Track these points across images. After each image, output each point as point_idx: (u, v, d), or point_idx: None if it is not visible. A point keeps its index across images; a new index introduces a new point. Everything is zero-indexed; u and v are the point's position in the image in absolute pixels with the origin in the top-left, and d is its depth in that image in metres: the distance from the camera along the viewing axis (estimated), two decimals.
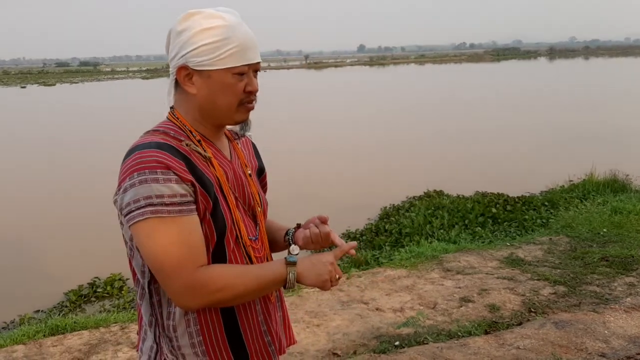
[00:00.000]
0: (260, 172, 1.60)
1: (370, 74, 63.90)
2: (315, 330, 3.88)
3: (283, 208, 8.62)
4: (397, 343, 3.63)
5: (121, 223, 1.25)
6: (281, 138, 16.11)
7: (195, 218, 1.23)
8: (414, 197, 8.64)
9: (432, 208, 7.56)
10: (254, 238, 1.42)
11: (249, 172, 1.47)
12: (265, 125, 18.43)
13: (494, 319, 3.90)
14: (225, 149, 1.43)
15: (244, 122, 1.43)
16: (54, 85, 57.21)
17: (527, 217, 6.97)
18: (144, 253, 1.20)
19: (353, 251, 1.44)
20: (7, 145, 16.98)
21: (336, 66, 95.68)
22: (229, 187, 1.36)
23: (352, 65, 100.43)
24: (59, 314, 5.02)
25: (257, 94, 1.39)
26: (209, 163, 1.32)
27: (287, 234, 1.57)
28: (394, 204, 8.27)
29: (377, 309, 4.21)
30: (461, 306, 4.17)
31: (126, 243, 1.30)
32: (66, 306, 5.40)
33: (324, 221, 1.49)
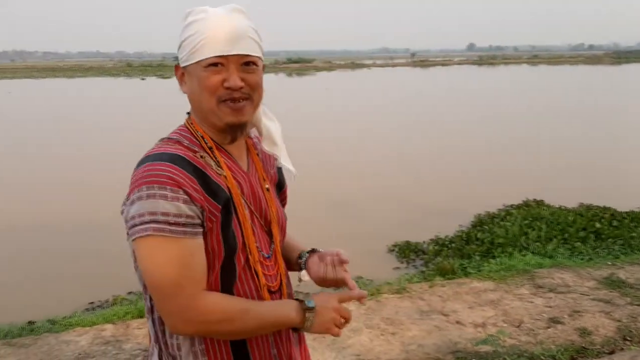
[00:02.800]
0: (280, 186, 1.51)
1: (479, 73, 61.96)
2: (389, 339, 3.79)
3: (372, 207, 8.59)
4: None
5: (127, 234, 1.20)
6: (377, 135, 16.02)
7: (199, 241, 1.18)
8: (511, 206, 8.23)
9: (530, 218, 7.18)
10: (267, 255, 1.34)
11: (267, 186, 1.39)
12: (362, 120, 18.50)
13: (583, 345, 3.61)
14: (242, 159, 1.35)
15: (240, 125, 1.28)
16: (170, 77, 60.40)
17: (634, 234, 6.42)
18: (142, 269, 1.17)
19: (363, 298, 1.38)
20: (111, 130, 18.11)
21: (443, 65, 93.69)
22: (244, 201, 1.29)
23: (459, 64, 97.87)
24: None
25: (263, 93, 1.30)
26: (222, 175, 1.26)
27: (300, 256, 1.48)
28: (489, 212, 7.92)
29: (457, 322, 4.04)
30: (549, 327, 3.91)
31: (132, 256, 1.25)
32: None
33: (343, 262, 1.39)
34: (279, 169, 1.51)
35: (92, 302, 5.25)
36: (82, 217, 8.13)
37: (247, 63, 1.24)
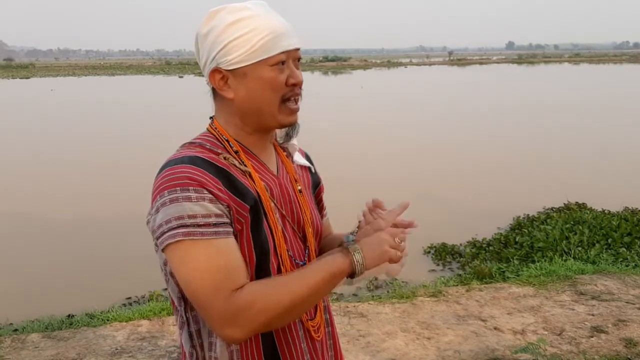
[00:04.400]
0: (315, 187, 1.43)
1: (519, 72, 60.75)
2: (425, 343, 3.72)
3: (408, 207, 8.46)
4: None
5: (155, 245, 1.13)
6: (414, 135, 15.86)
7: (232, 240, 1.10)
8: (551, 209, 8.02)
9: (571, 222, 6.97)
10: (302, 263, 1.25)
11: (299, 187, 1.32)
12: (398, 120, 18.33)
13: (628, 356, 3.48)
14: (271, 162, 1.29)
15: (292, 126, 1.25)
16: None
17: None
18: (178, 278, 1.10)
19: (414, 222, 1.25)
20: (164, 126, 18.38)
21: (481, 63, 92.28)
22: (274, 205, 1.22)
23: (498, 62, 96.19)
24: None
25: (303, 88, 1.23)
26: (249, 176, 1.19)
27: (346, 239, 1.30)
28: (528, 214, 7.74)
29: (495, 328, 3.95)
30: (592, 336, 3.78)
31: (161, 269, 1.19)
32: None
33: (378, 205, 1.28)
34: (310, 170, 1.44)
35: (129, 297, 5.31)
36: (122, 214, 8.26)
37: (298, 58, 1.22)
